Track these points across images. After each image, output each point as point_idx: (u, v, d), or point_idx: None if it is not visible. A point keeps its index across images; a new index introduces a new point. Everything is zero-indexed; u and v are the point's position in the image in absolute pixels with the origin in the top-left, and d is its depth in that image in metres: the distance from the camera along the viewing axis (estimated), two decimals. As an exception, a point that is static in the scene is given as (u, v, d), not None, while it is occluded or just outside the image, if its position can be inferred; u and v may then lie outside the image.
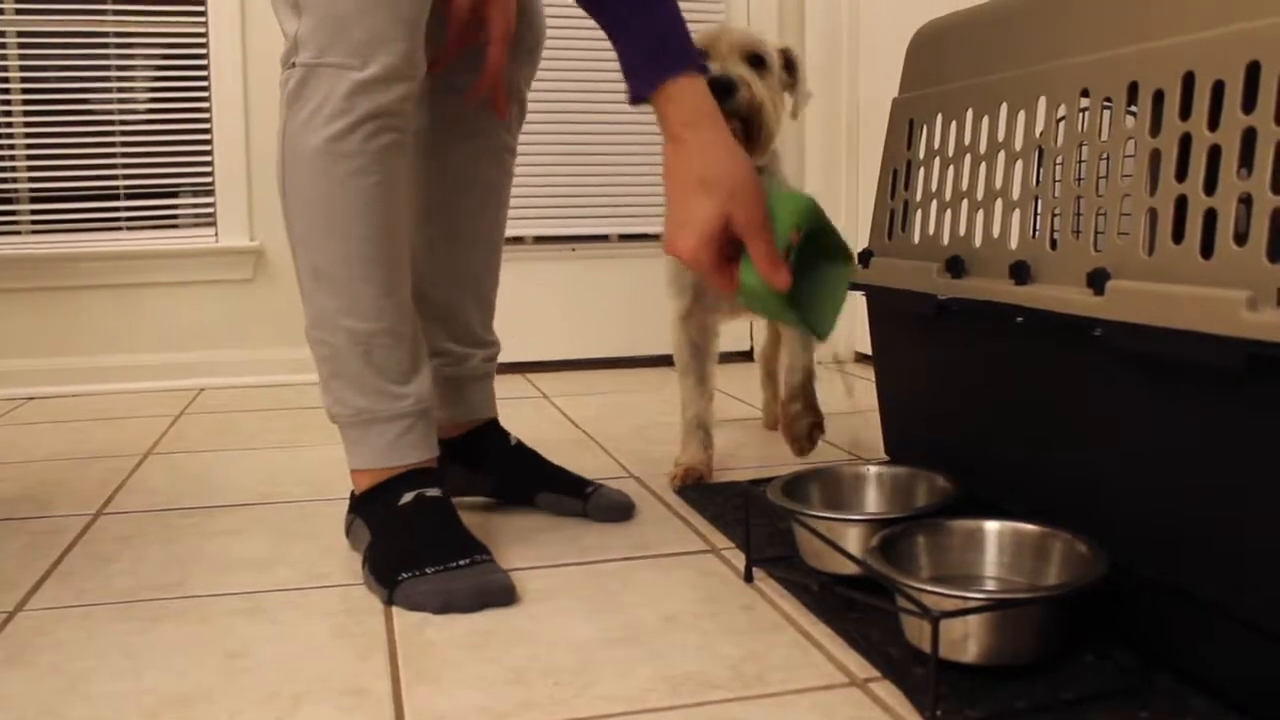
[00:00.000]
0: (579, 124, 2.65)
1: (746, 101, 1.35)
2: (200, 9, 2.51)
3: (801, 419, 1.59)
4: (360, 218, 1.15)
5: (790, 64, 1.46)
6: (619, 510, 1.39)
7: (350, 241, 1.16)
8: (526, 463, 1.45)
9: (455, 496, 1.36)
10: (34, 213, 2.52)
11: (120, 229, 2.54)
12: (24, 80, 2.50)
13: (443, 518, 1.20)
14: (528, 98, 1.45)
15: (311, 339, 1.20)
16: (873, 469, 1.25)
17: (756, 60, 1.39)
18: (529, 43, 1.42)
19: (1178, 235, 0.86)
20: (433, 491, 1.20)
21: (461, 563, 1.12)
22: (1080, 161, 1.02)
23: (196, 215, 2.59)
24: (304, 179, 1.16)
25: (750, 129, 1.37)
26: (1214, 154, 0.83)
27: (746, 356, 2.75)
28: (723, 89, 1.31)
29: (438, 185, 1.37)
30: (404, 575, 1.11)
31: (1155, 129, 0.91)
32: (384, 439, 1.20)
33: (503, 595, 1.11)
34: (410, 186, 1.23)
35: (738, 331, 2.69)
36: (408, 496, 1.19)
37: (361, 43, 1.11)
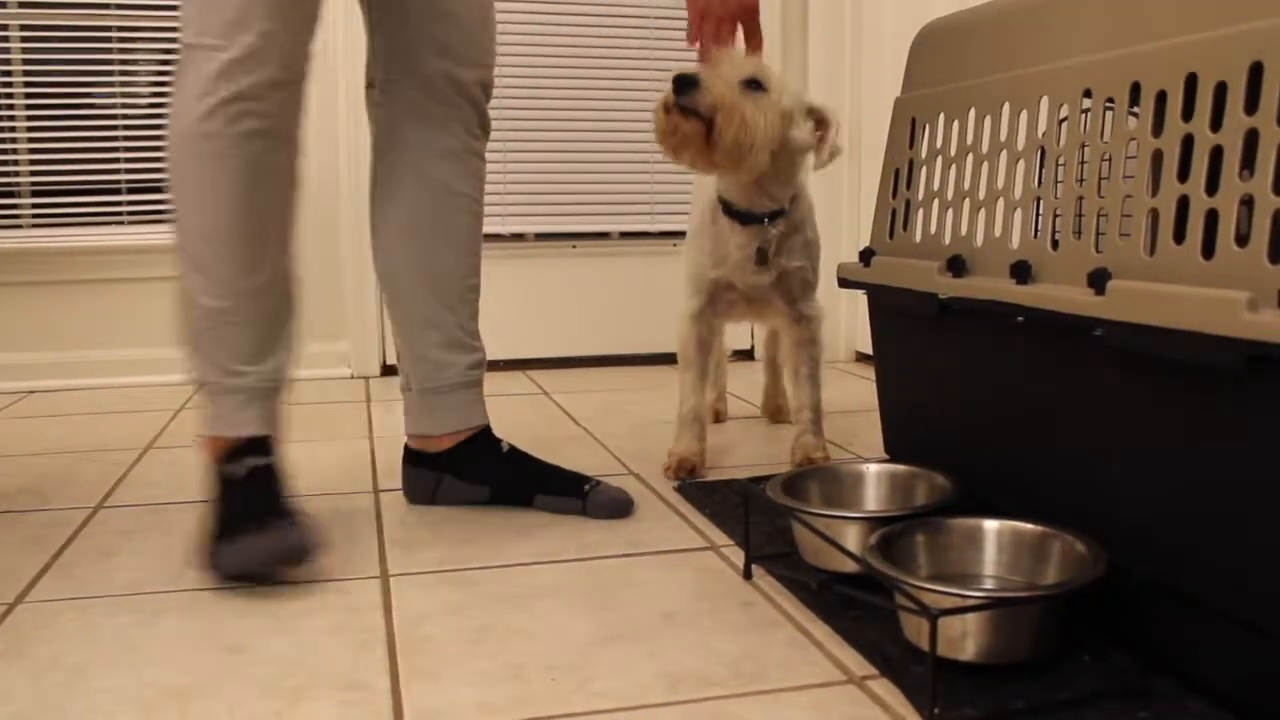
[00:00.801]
0: (580, 123, 2.65)
1: (707, 103, 1.32)
2: (203, 4, 2.51)
3: (814, 450, 1.60)
4: (221, 198, 1.18)
5: (821, 121, 1.44)
6: (618, 507, 1.39)
7: (208, 219, 1.19)
8: (520, 468, 1.44)
9: (452, 505, 1.43)
10: (35, 207, 2.52)
11: (122, 223, 2.54)
12: (27, 74, 2.50)
13: (262, 486, 1.22)
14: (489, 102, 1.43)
15: (179, 310, 1.24)
16: (872, 467, 1.25)
17: (753, 84, 1.36)
18: (475, 47, 1.38)
19: (1179, 236, 0.86)
20: (258, 460, 1.23)
21: (269, 527, 1.16)
22: (1082, 162, 1.02)
23: (198, 210, 2.59)
24: (177, 157, 1.20)
25: (711, 132, 1.33)
26: (1216, 155, 0.83)
27: (748, 355, 2.75)
28: (681, 83, 1.32)
29: (405, 189, 1.37)
30: (216, 546, 1.16)
31: (1157, 130, 0.91)
32: (222, 409, 1.24)
33: (299, 554, 1.14)
34: (282, 178, 1.24)
35: (738, 332, 2.69)
36: (234, 467, 1.22)
37: (227, 23, 1.13)
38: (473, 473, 1.43)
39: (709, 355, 1.60)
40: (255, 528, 1.14)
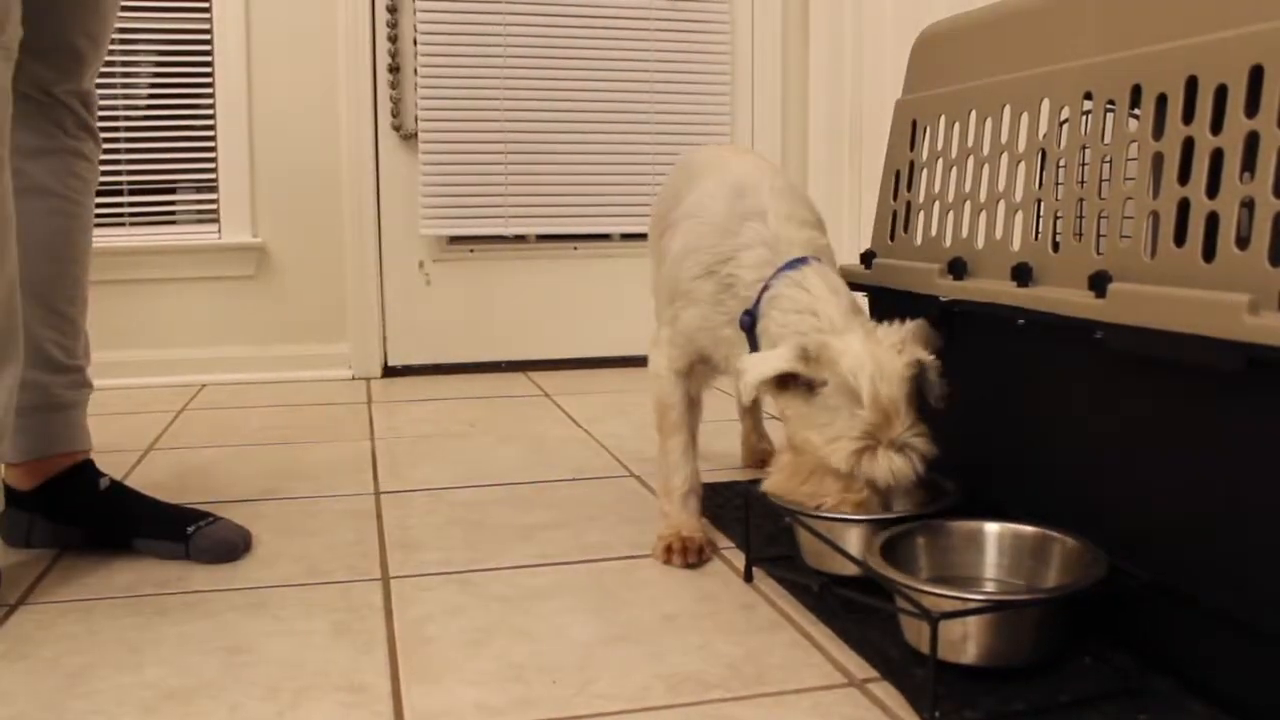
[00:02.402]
0: (582, 125, 2.65)
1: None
2: (205, 4, 2.51)
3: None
4: None
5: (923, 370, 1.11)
6: (224, 549, 1.26)
7: None
8: (119, 507, 1.31)
9: (43, 548, 1.29)
10: (37, 208, 2.52)
11: (123, 224, 2.54)
12: (28, 75, 2.50)
13: None
14: (95, 116, 1.31)
15: None
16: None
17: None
18: (69, 51, 1.24)
19: (1179, 238, 0.86)
20: None
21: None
22: (1083, 164, 1.02)
23: (199, 211, 2.59)
24: None
25: None
26: (1216, 157, 0.84)
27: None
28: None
29: None
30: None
31: (1158, 132, 0.91)
32: None
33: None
34: None
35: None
36: None
37: None
38: (64, 513, 1.29)
39: (698, 414, 1.34)
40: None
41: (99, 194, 1.41)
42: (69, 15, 1.24)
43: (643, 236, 2.73)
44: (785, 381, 1.10)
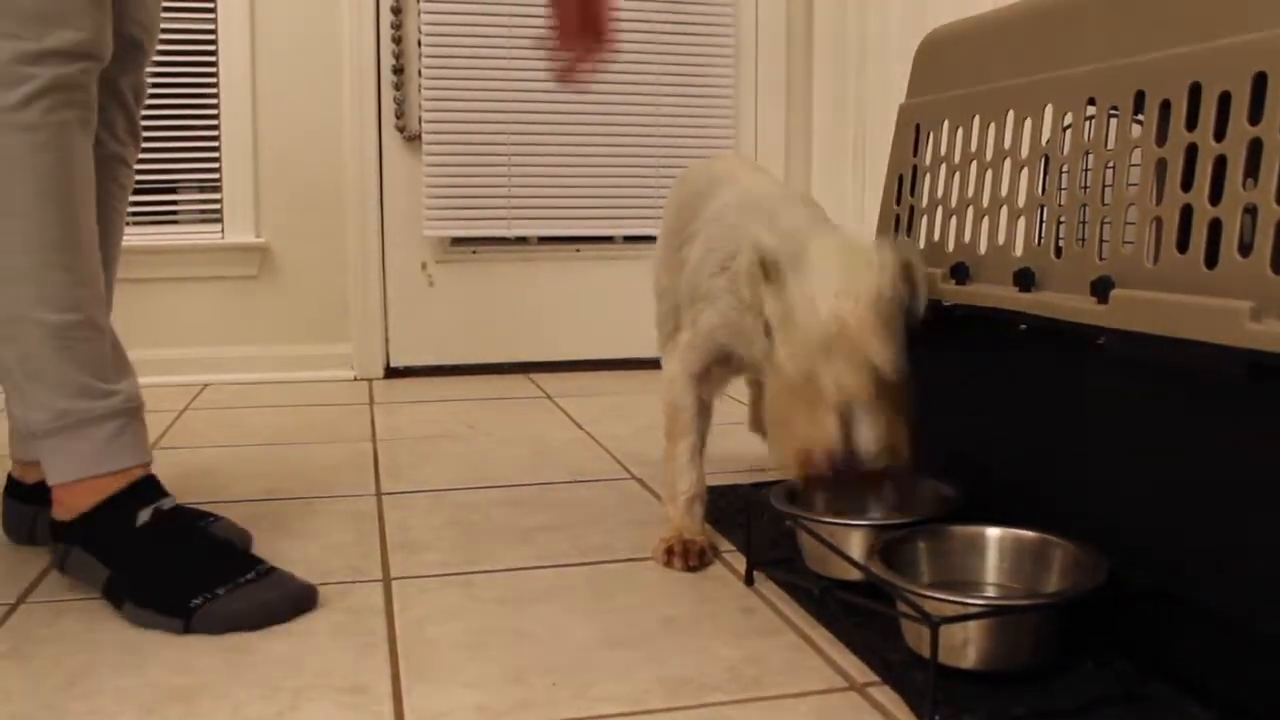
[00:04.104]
0: (585, 126, 2.66)
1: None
2: (209, 4, 2.51)
3: None
4: (44, 198, 1.04)
5: (910, 278, 1.11)
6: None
7: (34, 223, 1.04)
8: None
9: (45, 544, 1.22)
10: (41, 207, 2.52)
11: (126, 223, 2.54)
12: (33, 74, 2.50)
13: (197, 533, 1.15)
14: (141, 110, 1.33)
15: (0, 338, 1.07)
16: (875, 474, 1.25)
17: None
18: (127, 42, 1.24)
19: (1182, 245, 0.86)
20: (168, 503, 1.11)
21: (249, 576, 1.08)
22: (1086, 170, 1.02)
23: (202, 211, 2.60)
24: None
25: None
26: (1220, 164, 0.84)
27: (750, 359, 2.75)
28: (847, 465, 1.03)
29: None
30: (196, 601, 1.04)
31: (1161, 138, 0.91)
32: (94, 442, 1.08)
33: (311, 599, 1.09)
34: (92, 169, 1.10)
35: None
36: (144, 515, 1.09)
37: (34, 14, 1.01)
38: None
39: (709, 420, 1.34)
40: (239, 577, 1.06)
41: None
42: (121, 7, 1.22)
43: (646, 239, 2.73)
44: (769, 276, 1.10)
